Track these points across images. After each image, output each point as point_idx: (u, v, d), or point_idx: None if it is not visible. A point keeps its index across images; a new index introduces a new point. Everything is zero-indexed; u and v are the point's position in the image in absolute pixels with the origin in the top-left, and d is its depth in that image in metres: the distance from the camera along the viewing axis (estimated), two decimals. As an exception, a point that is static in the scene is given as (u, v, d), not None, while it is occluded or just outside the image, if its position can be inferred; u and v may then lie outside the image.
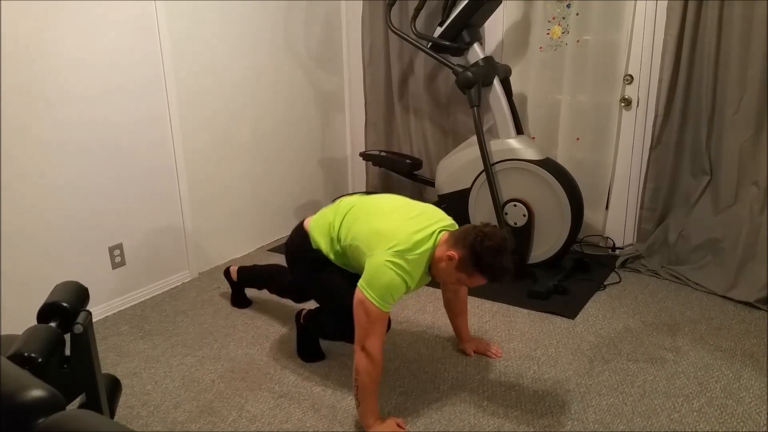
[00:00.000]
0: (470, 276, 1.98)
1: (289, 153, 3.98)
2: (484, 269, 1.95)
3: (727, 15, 2.89)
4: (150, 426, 2.12)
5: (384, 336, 2.02)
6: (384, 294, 1.94)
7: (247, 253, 3.76)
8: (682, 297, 3.04)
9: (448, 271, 2.01)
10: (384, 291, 1.94)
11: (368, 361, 1.97)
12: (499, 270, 1.95)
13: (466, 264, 1.96)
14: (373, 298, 1.93)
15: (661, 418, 2.10)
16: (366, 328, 1.97)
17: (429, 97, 3.93)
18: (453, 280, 2.04)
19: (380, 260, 1.95)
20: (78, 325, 1.33)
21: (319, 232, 2.26)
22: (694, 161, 3.19)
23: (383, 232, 2.03)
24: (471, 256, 1.94)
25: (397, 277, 1.94)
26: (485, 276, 1.97)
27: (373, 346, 1.97)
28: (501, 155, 3.22)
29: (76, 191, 2.76)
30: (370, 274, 1.96)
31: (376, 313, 1.95)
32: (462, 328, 2.54)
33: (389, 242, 1.98)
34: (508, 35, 3.66)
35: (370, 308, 1.94)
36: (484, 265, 1.94)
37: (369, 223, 2.10)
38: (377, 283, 1.94)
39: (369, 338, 1.97)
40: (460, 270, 1.98)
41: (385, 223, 2.07)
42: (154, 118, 3.05)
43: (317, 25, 4.01)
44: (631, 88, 3.33)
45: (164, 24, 3.01)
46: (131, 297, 3.08)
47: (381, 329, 1.99)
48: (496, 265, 1.94)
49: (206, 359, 2.55)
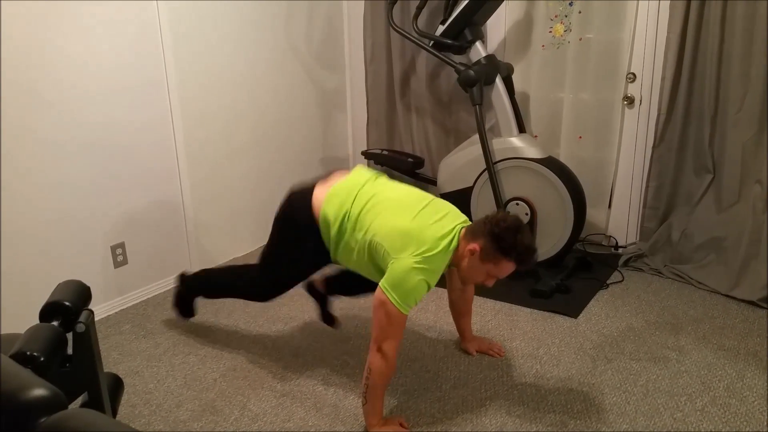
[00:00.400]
0: (497, 264, 1.94)
1: (291, 152, 3.98)
2: (509, 251, 1.91)
3: (730, 13, 2.88)
4: (152, 425, 2.12)
5: (400, 339, 2.00)
6: (407, 297, 1.92)
7: (249, 252, 3.76)
8: (685, 296, 3.03)
9: (474, 266, 1.97)
10: (408, 295, 1.92)
11: (383, 362, 1.95)
12: (522, 248, 1.91)
13: (488, 252, 1.93)
14: (395, 300, 1.91)
15: (664, 417, 2.09)
16: (386, 329, 1.95)
17: (431, 95, 3.93)
18: (482, 275, 1.99)
19: (408, 264, 1.92)
20: (80, 324, 1.33)
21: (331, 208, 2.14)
22: (697, 160, 3.18)
23: (411, 233, 1.97)
24: (492, 241, 1.91)
25: (423, 281, 1.93)
26: (511, 258, 1.92)
27: (390, 348, 1.95)
28: (503, 154, 3.21)
29: (78, 190, 2.76)
30: (398, 278, 1.92)
31: (397, 315, 1.93)
32: (465, 328, 2.54)
33: (418, 246, 1.94)
34: (511, 33, 3.65)
35: (392, 310, 1.92)
36: (507, 246, 1.90)
37: (393, 220, 2.02)
38: (403, 287, 1.91)
39: (387, 340, 1.95)
40: (485, 261, 1.94)
41: (412, 223, 2.01)
42: (155, 117, 3.05)
43: (319, 23, 4.00)
44: (633, 86, 3.32)
45: (166, 23, 3.00)
46: (133, 296, 3.08)
47: (399, 331, 1.98)
48: (519, 243, 1.90)
49: (208, 358, 2.55)
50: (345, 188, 2.19)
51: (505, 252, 1.91)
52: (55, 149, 2.64)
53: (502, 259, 1.93)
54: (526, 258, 1.93)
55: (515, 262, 1.94)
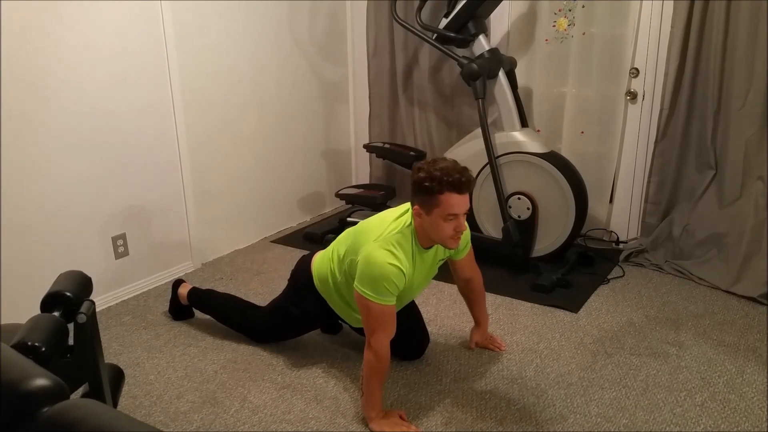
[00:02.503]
0: (439, 205, 1.88)
1: (293, 144, 3.97)
2: (432, 186, 1.86)
3: (734, 9, 2.87)
4: (153, 416, 2.13)
5: (391, 332, 2.00)
6: (376, 286, 1.92)
7: (251, 244, 3.76)
8: (685, 291, 3.03)
9: (429, 224, 1.95)
10: (375, 283, 1.92)
11: (372, 355, 1.97)
12: (441, 174, 1.86)
13: (424, 202, 1.91)
14: (366, 293, 1.93)
15: (663, 412, 2.10)
16: (370, 323, 1.98)
17: (433, 88, 3.92)
18: (440, 228, 1.93)
19: (369, 251, 1.95)
20: (81, 315, 1.33)
21: (320, 264, 2.30)
22: (700, 155, 3.17)
23: (365, 230, 2.07)
24: (417, 191, 1.92)
25: (387, 265, 1.92)
26: (440, 188, 1.86)
27: (377, 341, 1.97)
28: (505, 148, 3.21)
29: (80, 181, 2.76)
30: (360, 270, 1.96)
31: (376, 308, 1.94)
32: (477, 316, 2.50)
33: (371, 235, 1.99)
34: (514, 27, 3.64)
35: (368, 304, 1.94)
36: (429, 182, 1.86)
37: (355, 232, 2.15)
38: (367, 276, 1.94)
39: (374, 334, 1.97)
40: (430, 212, 1.91)
41: (367, 224, 2.12)
42: (158, 108, 3.04)
43: (322, 16, 3.99)
44: (636, 81, 3.31)
45: (169, 15, 2.99)
46: (134, 287, 3.08)
47: (385, 324, 1.98)
48: (435, 172, 1.86)
49: (209, 350, 2.56)
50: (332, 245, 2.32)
51: (431, 190, 1.87)
52: (56, 140, 2.64)
53: (436, 197, 1.88)
54: (452, 178, 1.86)
55: (448, 190, 1.87)
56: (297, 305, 2.39)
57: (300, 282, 2.38)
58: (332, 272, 2.22)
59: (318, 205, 4.32)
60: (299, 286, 2.39)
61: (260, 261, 3.51)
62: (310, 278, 2.32)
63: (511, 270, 3.27)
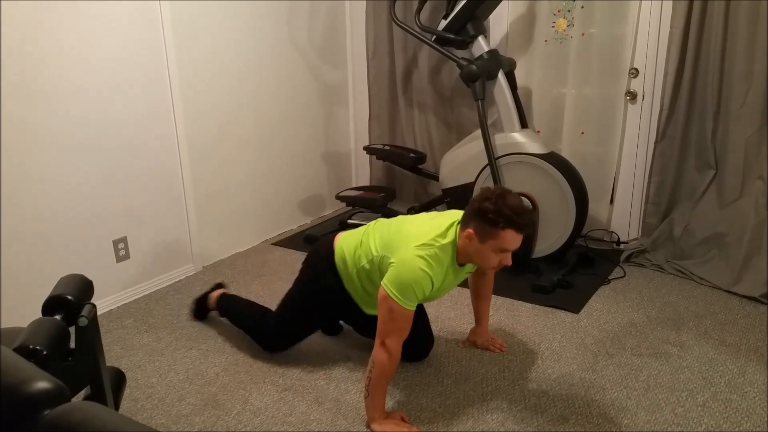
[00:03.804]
0: (496, 238, 1.89)
1: (293, 147, 3.97)
2: (497, 220, 1.87)
3: (733, 8, 2.87)
4: (154, 419, 2.13)
5: (405, 335, 2.00)
6: (405, 290, 1.92)
7: (251, 247, 3.76)
8: (686, 291, 3.03)
9: (478, 250, 1.95)
10: (405, 287, 1.92)
11: (386, 357, 1.96)
12: (510, 211, 1.86)
13: (482, 230, 1.91)
14: (394, 295, 1.92)
15: (665, 412, 2.10)
16: (389, 325, 1.96)
17: (433, 90, 3.92)
18: (490, 256, 1.95)
19: (408, 256, 1.94)
20: (83, 318, 1.33)
21: (347, 245, 2.25)
22: (700, 155, 3.17)
23: (407, 232, 2.04)
24: (479, 218, 1.90)
25: (420, 272, 1.92)
26: (504, 226, 1.87)
27: (393, 343, 1.96)
28: (505, 149, 3.21)
29: (80, 185, 2.76)
30: (395, 271, 1.95)
31: (399, 310, 1.93)
32: (482, 313, 2.50)
33: (413, 241, 1.97)
34: (513, 28, 3.64)
35: (393, 305, 1.93)
36: (494, 215, 1.87)
37: (394, 230, 2.12)
38: (399, 279, 1.93)
39: (390, 335, 1.96)
40: (484, 240, 1.91)
41: (409, 226, 2.09)
42: (158, 112, 3.05)
43: (321, 18, 4.00)
44: (636, 81, 3.31)
45: (168, 18, 3.00)
46: (135, 290, 3.09)
47: (403, 327, 1.98)
48: (504, 208, 1.87)
49: (210, 352, 2.56)
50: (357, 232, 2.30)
51: (495, 223, 1.87)
52: (57, 144, 2.64)
53: (496, 230, 1.89)
54: (519, 219, 1.87)
55: (511, 228, 1.88)
56: (313, 283, 2.34)
57: (319, 257, 2.33)
58: (358, 257, 2.18)
59: (318, 207, 4.33)
60: (317, 262, 2.34)
61: (261, 263, 3.51)
62: (332, 254, 2.27)
63: (511, 271, 3.26)
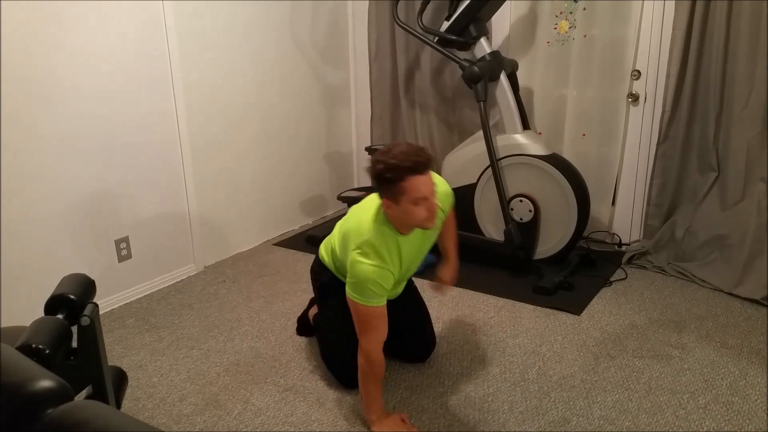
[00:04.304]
0: (404, 192, 1.83)
1: (295, 147, 3.98)
2: (394, 173, 1.81)
3: (736, 10, 2.87)
4: (155, 418, 2.13)
5: (382, 334, 1.99)
6: (362, 289, 1.92)
7: (253, 247, 3.76)
8: (688, 294, 3.03)
9: (401, 212, 1.89)
10: (361, 286, 1.92)
11: (363, 359, 1.99)
12: (401, 159, 1.80)
13: (390, 193, 1.86)
14: (354, 297, 1.94)
15: (666, 414, 2.09)
16: (360, 326, 1.99)
17: (435, 91, 3.92)
18: (412, 213, 1.87)
19: (350, 262, 1.96)
20: (85, 318, 1.33)
21: (324, 246, 2.38)
22: (702, 157, 3.17)
23: (347, 232, 2.09)
24: (380, 182, 1.86)
25: (370, 267, 1.91)
26: (402, 175, 1.81)
27: (367, 342, 1.98)
28: (507, 150, 3.21)
29: (83, 185, 2.76)
30: (349, 277, 1.97)
31: (362, 310, 1.95)
32: (446, 251, 2.44)
33: (355, 238, 1.99)
34: (515, 29, 3.64)
35: (358, 307, 1.96)
36: (389, 171, 1.81)
37: (345, 227, 2.16)
38: (354, 283, 1.95)
39: (363, 336, 1.98)
40: (399, 201, 1.85)
41: (348, 224, 2.13)
42: (161, 113, 3.05)
43: (324, 19, 4.00)
44: (638, 83, 3.31)
45: (171, 20, 3.00)
46: (137, 290, 3.09)
47: (376, 326, 1.97)
48: (394, 159, 1.81)
49: (212, 352, 2.56)
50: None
51: (393, 179, 1.82)
52: (60, 144, 2.65)
53: (400, 185, 1.82)
54: (412, 162, 1.80)
55: (410, 175, 1.81)
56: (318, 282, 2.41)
57: (317, 273, 2.41)
58: (330, 252, 2.29)
59: (320, 207, 4.33)
60: (313, 267, 2.45)
61: (263, 264, 3.51)
62: (322, 265, 2.35)
63: (513, 272, 3.27)
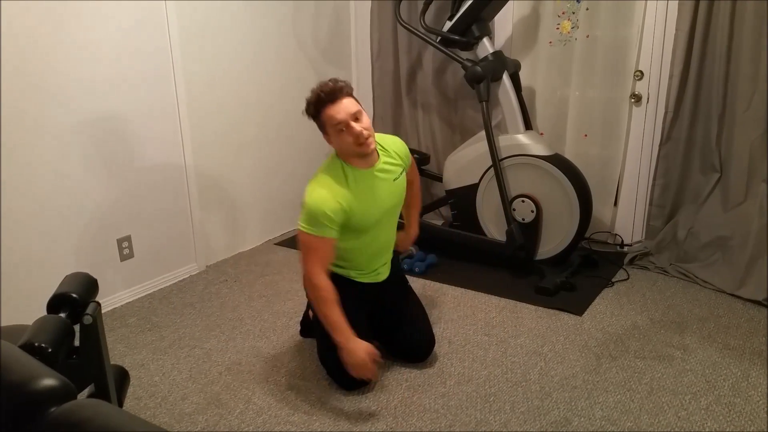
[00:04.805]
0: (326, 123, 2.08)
1: (297, 147, 3.97)
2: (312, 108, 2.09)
3: (739, 10, 2.86)
4: (157, 417, 2.13)
5: (325, 262, 2.10)
6: (308, 217, 2.05)
7: (255, 247, 3.76)
8: (690, 294, 3.02)
9: (335, 144, 2.13)
10: (311, 215, 2.04)
11: (306, 283, 2.13)
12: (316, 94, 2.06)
13: (319, 126, 2.13)
14: (303, 226, 2.06)
15: (668, 415, 2.09)
16: (302, 254, 2.11)
17: (437, 91, 3.92)
18: (342, 141, 2.08)
19: (305, 193, 2.09)
20: (87, 316, 1.33)
21: None
22: (704, 158, 3.17)
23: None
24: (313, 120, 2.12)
25: (317, 193, 2.05)
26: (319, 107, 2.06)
27: (306, 268, 2.10)
28: (509, 151, 3.21)
29: (84, 183, 2.77)
30: (303, 203, 2.08)
31: (305, 238, 2.07)
32: (408, 218, 2.63)
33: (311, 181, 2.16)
34: (518, 30, 3.64)
35: (300, 235, 2.08)
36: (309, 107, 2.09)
37: None
38: (304, 211, 2.05)
39: (304, 264, 2.10)
40: (327, 132, 2.12)
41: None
42: (162, 110, 3.06)
43: (326, 18, 4.00)
44: (641, 84, 3.31)
45: (173, 17, 3.00)
46: (139, 289, 3.09)
47: (313, 256, 2.08)
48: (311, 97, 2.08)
49: (213, 351, 2.56)
50: None
51: (314, 113, 2.09)
52: (61, 142, 2.65)
53: (320, 118, 2.09)
54: (324, 94, 2.04)
55: (324, 107, 2.05)
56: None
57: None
58: None
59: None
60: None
61: (264, 263, 3.51)
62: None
63: (514, 273, 3.27)
